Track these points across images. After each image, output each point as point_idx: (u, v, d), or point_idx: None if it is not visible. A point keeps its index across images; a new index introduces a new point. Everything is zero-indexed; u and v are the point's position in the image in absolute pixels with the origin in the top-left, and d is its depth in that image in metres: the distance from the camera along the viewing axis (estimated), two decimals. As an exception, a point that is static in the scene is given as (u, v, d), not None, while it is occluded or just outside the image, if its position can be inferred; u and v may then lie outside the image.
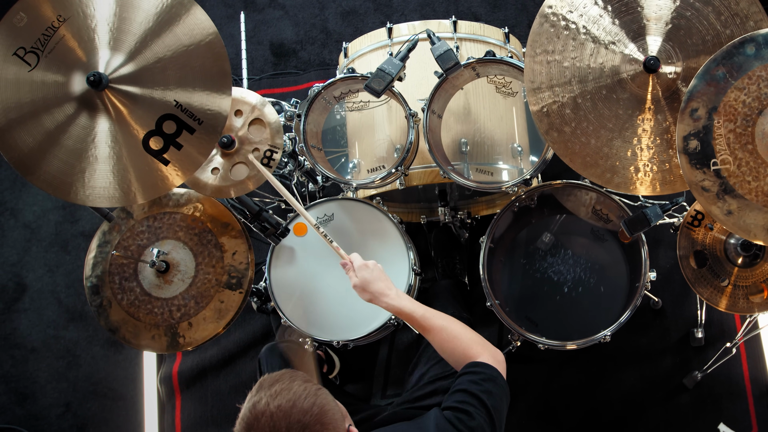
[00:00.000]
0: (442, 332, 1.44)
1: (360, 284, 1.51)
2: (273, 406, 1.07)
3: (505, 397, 1.35)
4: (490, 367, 1.36)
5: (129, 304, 1.80)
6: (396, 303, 1.47)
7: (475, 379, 1.34)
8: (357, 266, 1.52)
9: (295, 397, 1.09)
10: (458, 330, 1.44)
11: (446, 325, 1.45)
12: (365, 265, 1.52)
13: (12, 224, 2.79)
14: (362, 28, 2.85)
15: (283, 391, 1.09)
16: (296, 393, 1.09)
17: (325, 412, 1.10)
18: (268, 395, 1.09)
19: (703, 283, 1.84)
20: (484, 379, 1.34)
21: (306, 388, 1.11)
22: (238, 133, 1.81)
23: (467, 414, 1.28)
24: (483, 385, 1.32)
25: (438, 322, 1.45)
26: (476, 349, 1.40)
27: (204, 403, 2.49)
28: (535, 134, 2.07)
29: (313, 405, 1.09)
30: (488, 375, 1.35)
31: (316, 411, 1.08)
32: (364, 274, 1.50)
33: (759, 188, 1.40)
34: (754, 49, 1.37)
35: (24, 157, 1.47)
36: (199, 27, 1.47)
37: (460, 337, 1.43)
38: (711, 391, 2.31)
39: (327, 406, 1.11)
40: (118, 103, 1.47)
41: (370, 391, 2.41)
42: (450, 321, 1.46)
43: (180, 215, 1.85)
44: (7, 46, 1.46)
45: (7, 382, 2.64)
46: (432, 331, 1.44)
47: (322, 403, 1.11)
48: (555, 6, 1.52)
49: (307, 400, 1.09)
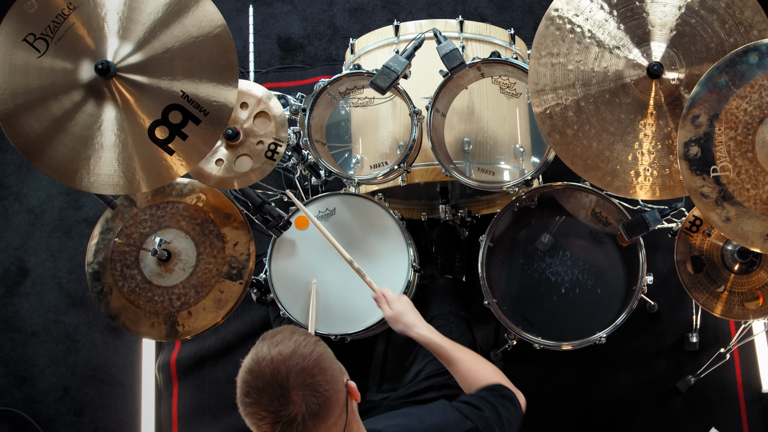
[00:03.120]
0: (467, 363, 1.49)
1: (394, 316, 1.59)
2: (274, 351, 1.10)
3: (519, 420, 1.38)
4: (510, 391, 1.41)
5: (129, 291, 1.82)
6: (427, 334, 1.54)
7: (494, 393, 1.39)
8: (390, 298, 1.62)
9: (296, 344, 1.12)
10: (482, 364, 1.50)
11: (471, 357, 1.50)
12: (399, 298, 1.62)
13: (16, 208, 2.81)
14: (369, 25, 2.86)
15: (284, 339, 1.12)
16: (296, 341, 1.12)
17: (324, 359, 1.12)
18: (269, 344, 1.12)
19: (699, 288, 1.85)
20: (503, 395, 1.39)
21: (306, 338, 1.14)
22: (243, 125, 1.82)
23: (477, 408, 1.32)
24: (500, 399, 1.37)
25: (464, 354, 1.50)
26: (498, 380, 1.45)
27: (201, 392, 2.51)
28: (538, 135, 2.08)
29: (312, 351, 1.12)
30: (507, 394, 1.40)
31: (315, 356, 1.11)
32: (398, 307, 1.59)
33: (758, 196, 1.40)
34: (757, 58, 1.37)
35: (30, 142, 1.49)
36: (207, 19, 1.48)
37: (484, 369, 1.48)
38: (704, 395, 2.32)
39: (326, 354, 1.14)
40: (125, 92, 1.48)
41: (366, 385, 2.42)
42: (474, 355, 1.52)
43: (183, 205, 1.86)
44: (17, 32, 1.47)
45: (7, 365, 2.66)
46: (458, 362, 1.49)
47: (321, 350, 1.14)
48: (561, 9, 1.53)
49: (307, 347, 1.12)
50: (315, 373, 1.09)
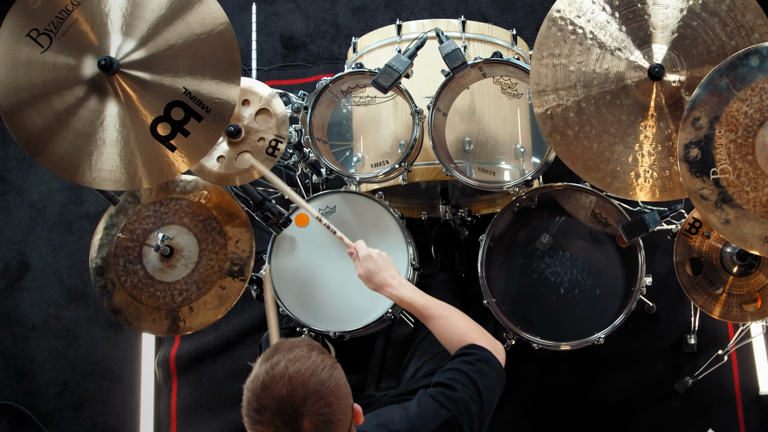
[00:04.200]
0: (441, 320, 1.46)
1: (364, 275, 1.55)
2: (292, 370, 1.07)
3: (499, 380, 1.37)
4: (484, 350, 1.38)
5: (132, 286, 1.83)
6: (397, 293, 1.51)
7: (468, 360, 1.36)
8: (362, 256, 1.55)
9: (314, 366, 1.09)
10: (457, 318, 1.47)
11: (446, 314, 1.47)
12: (369, 255, 1.55)
13: (18, 203, 2.82)
14: (372, 24, 2.86)
15: (302, 357, 1.09)
16: (315, 362, 1.10)
17: (339, 387, 1.11)
18: (286, 359, 1.09)
19: (698, 290, 1.85)
20: (477, 359, 1.36)
21: (324, 359, 1.12)
22: (245, 122, 1.82)
23: (450, 388, 1.30)
24: (476, 365, 1.35)
25: (438, 311, 1.48)
26: (473, 336, 1.43)
27: (200, 388, 2.52)
28: (538, 136, 2.08)
29: (330, 377, 1.10)
30: (482, 356, 1.37)
31: (333, 384, 1.09)
32: (368, 265, 1.54)
33: (757, 199, 1.41)
34: (758, 61, 1.38)
35: (33, 137, 1.49)
36: (211, 16, 1.49)
37: (458, 325, 1.45)
38: (701, 397, 2.33)
39: (342, 380, 1.13)
40: (127, 88, 1.48)
41: (365, 382, 2.43)
42: (450, 310, 1.49)
43: (186, 201, 1.87)
44: (20, 28, 1.47)
45: (7, 359, 2.67)
46: (432, 319, 1.47)
47: (338, 377, 1.12)
48: (563, 10, 1.54)
49: (326, 371, 1.09)
50: (331, 402, 1.08)
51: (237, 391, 2.43)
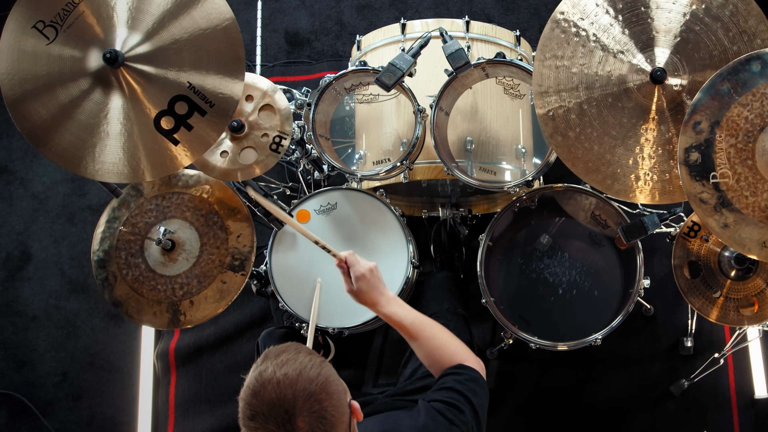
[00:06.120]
0: (432, 340, 1.45)
1: (356, 294, 1.49)
2: (280, 374, 1.08)
3: (486, 398, 1.39)
4: (473, 370, 1.41)
5: (133, 279, 1.84)
6: (386, 311, 1.47)
7: (459, 379, 1.38)
8: (354, 277, 1.47)
9: (302, 366, 1.10)
10: (446, 338, 1.46)
11: (433, 334, 1.46)
12: (363, 276, 1.47)
13: (21, 194, 2.83)
14: (376, 23, 2.86)
15: (289, 360, 1.11)
16: (302, 363, 1.11)
17: (330, 382, 1.11)
18: (274, 364, 1.10)
19: (696, 293, 1.86)
20: (468, 379, 1.38)
21: (311, 359, 1.13)
22: (249, 117, 1.83)
23: (458, 409, 1.31)
24: (467, 384, 1.36)
25: (427, 331, 1.46)
26: (463, 355, 1.44)
27: (198, 381, 2.53)
28: (540, 137, 2.09)
29: (319, 375, 1.10)
30: (471, 376, 1.39)
31: (322, 380, 1.10)
32: (360, 285, 1.47)
33: (756, 203, 1.42)
34: (759, 67, 1.38)
35: (37, 128, 1.50)
36: (216, 12, 1.49)
37: (448, 345, 1.45)
38: (697, 399, 2.34)
39: (332, 377, 1.13)
40: (132, 82, 1.49)
41: (362, 379, 2.44)
42: (438, 328, 1.47)
43: (188, 196, 1.88)
44: (26, 19, 1.48)
45: (7, 349, 2.68)
46: (419, 339, 1.45)
47: (327, 373, 1.12)
48: (567, 12, 1.54)
49: (313, 369, 1.10)
50: (322, 399, 1.09)
51: (235, 385, 2.46)
